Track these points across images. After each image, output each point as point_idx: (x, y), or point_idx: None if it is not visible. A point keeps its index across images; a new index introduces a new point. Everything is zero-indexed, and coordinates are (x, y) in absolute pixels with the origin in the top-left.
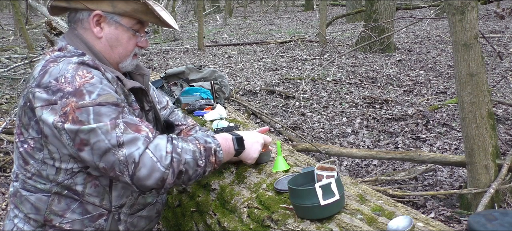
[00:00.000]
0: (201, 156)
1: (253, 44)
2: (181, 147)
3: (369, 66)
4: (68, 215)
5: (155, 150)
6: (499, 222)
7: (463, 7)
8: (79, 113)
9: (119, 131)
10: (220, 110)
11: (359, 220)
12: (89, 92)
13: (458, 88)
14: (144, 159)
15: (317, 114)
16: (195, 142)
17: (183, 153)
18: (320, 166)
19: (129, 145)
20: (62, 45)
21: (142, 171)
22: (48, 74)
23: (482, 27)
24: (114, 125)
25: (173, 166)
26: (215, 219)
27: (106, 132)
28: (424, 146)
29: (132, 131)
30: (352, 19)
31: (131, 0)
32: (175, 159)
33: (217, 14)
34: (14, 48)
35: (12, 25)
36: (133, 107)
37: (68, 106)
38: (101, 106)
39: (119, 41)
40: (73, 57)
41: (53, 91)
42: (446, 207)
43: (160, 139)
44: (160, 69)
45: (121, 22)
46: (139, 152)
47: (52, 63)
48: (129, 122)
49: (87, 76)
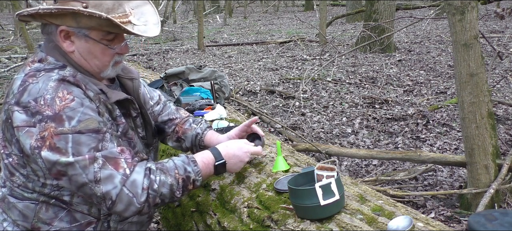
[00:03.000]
0: (178, 187)
1: (253, 44)
2: (158, 181)
3: (369, 66)
4: (56, 224)
5: (132, 187)
6: (499, 222)
7: (463, 7)
8: (57, 139)
9: (97, 167)
10: (220, 110)
11: (359, 220)
12: (69, 117)
13: (458, 88)
14: (120, 196)
15: (317, 114)
16: (174, 173)
17: (160, 187)
18: (320, 166)
19: (106, 182)
20: (42, 56)
21: (118, 206)
22: (27, 93)
23: (482, 27)
24: (92, 160)
25: (148, 201)
26: (215, 219)
27: (84, 167)
28: (424, 146)
29: (110, 166)
30: (352, 19)
31: (91, 15)
32: (151, 195)
33: (217, 14)
34: (14, 48)
35: (12, 25)
36: (117, 122)
37: (46, 130)
38: (80, 134)
39: (92, 53)
40: (53, 71)
41: (32, 113)
42: (446, 207)
43: (137, 174)
44: (160, 69)
45: (90, 35)
46: (116, 191)
47: (31, 78)
48: (108, 156)
49: (67, 98)
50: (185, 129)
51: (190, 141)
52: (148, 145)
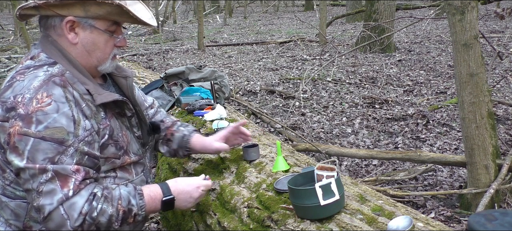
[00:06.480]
0: (117, 219)
1: (253, 44)
2: (99, 209)
3: (369, 66)
4: None
5: (69, 209)
6: (499, 222)
7: (463, 7)
8: (18, 139)
9: (44, 179)
10: (220, 110)
11: (359, 220)
12: (38, 121)
13: (458, 88)
14: (53, 215)
15: (317, 114)
16: (117, 204)
17: (99, 216)
18: (320, 166)
19: (45, 196)
20: (34, 53)
21: (49, 224)
22: (11, 89)
23: (482, 27)
24: (42, 171)
25: (83, 227)
26: (215, 219)
27: (33, 175)
28: (424, 146)
29: (57, 182)
30: (352, 19)
31: (104, 2)
32: (87, 222)
33: (217, 14)
34: (14, 48)
35: (12, 25)
36: (102, 124)
37: (13, 127)
38: (42, 140)
39: (96, 45)
40: (41, 68)
41: (7, 108)
42: (446, 207)
43: (79, 197)
44: (160, 69)
45: (96, 25)
46: (50, 207)
47: (19, 75)
48: (58, 172)
49: (44, 101)
50: (173, 130)
51: (177, 142)
52: (144, 144)
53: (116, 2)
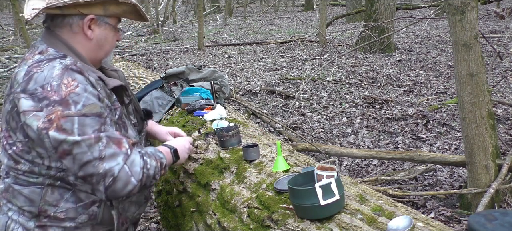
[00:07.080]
0: (158, 171)
1: (253, 44)
2: (148, 163)
3: (369, 66)
4: (62, 204)
5: (131, 166)
6: (499, 222)
7: (463, 7)
8: (64, 121)
9: (102, 145)
10: (220, 110)
11: (359, 220)
12: (75, 102)
13: (458, 88)
14: (121, 174)
15: (317, 114)
16: (153, 158)
17: (150, 169)
18: (320, 166)
19: (109, 160)
20: (43, 48)
21: (117, 184)
22: (33, 81)
23: (482, 27)
24: (97, 139)
25: (142, 181)
26: (215, 219)
27: (90, 146)
28: (424, 146)
29: (113, 145)
30: (352, 19)
31: (122, 2)
32: (145, 175)
33: (217, 14)
34: (14, 48)
35: (12, 25)
36: (115, 106)
37: (53, 113)
38: (85, 116)
39: (107, 40)
40: (55, 60)
41: (39, 99)
42: (446, 207)
43: (135, 155)
44: (160, 69)
45: (109, 22)
46: (118, 167)
47: (35, 68)
48: (111, 137)
49: (72, 84)
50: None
51: None
52: (140, 131)
53: (133, 2)
